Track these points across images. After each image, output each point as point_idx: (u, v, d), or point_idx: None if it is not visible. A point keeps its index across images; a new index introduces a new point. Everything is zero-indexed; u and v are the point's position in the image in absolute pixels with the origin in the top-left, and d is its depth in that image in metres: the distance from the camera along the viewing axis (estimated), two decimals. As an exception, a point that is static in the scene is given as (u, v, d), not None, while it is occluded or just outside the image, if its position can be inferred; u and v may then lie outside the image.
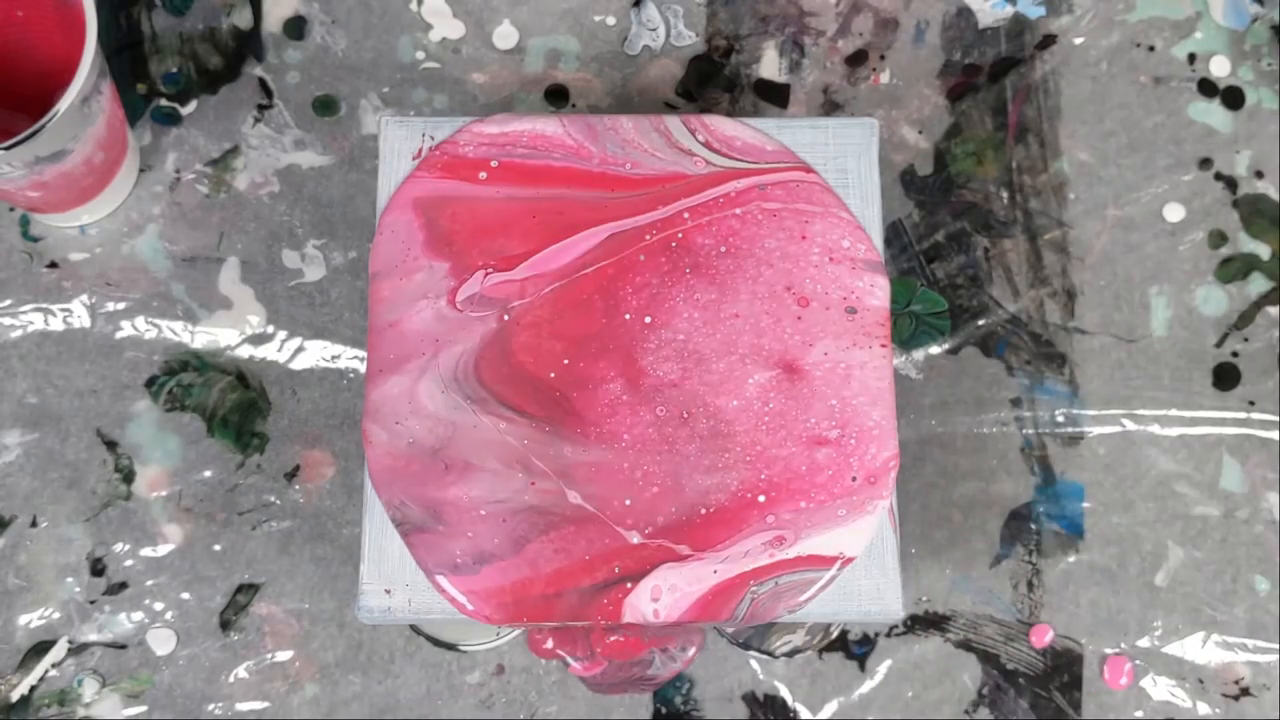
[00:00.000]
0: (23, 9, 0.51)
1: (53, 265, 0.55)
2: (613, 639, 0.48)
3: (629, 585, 0.45)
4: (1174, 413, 0.56)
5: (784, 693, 0.53)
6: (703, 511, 0.45)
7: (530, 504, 0.45)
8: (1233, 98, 0.58)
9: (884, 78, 0.58)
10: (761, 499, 0.46)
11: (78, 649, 0.52)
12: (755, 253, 0.47)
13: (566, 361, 0.46)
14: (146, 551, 0.53)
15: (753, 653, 0.54)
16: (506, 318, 0.47)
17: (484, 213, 0.47)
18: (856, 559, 0.45)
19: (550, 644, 0.49)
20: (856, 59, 0.58)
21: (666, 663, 0.52)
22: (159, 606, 0.53)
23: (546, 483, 0.45)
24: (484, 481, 0.45)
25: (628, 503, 0.45)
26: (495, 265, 0.47)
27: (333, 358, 0.55)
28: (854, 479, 0.46)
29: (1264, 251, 0.57)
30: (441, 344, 0.46)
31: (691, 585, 0.45)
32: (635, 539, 0.45)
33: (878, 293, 0.47)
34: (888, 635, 0.54)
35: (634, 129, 0.48)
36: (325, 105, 0.57)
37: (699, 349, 0.47)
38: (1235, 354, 0.56)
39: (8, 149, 0.46)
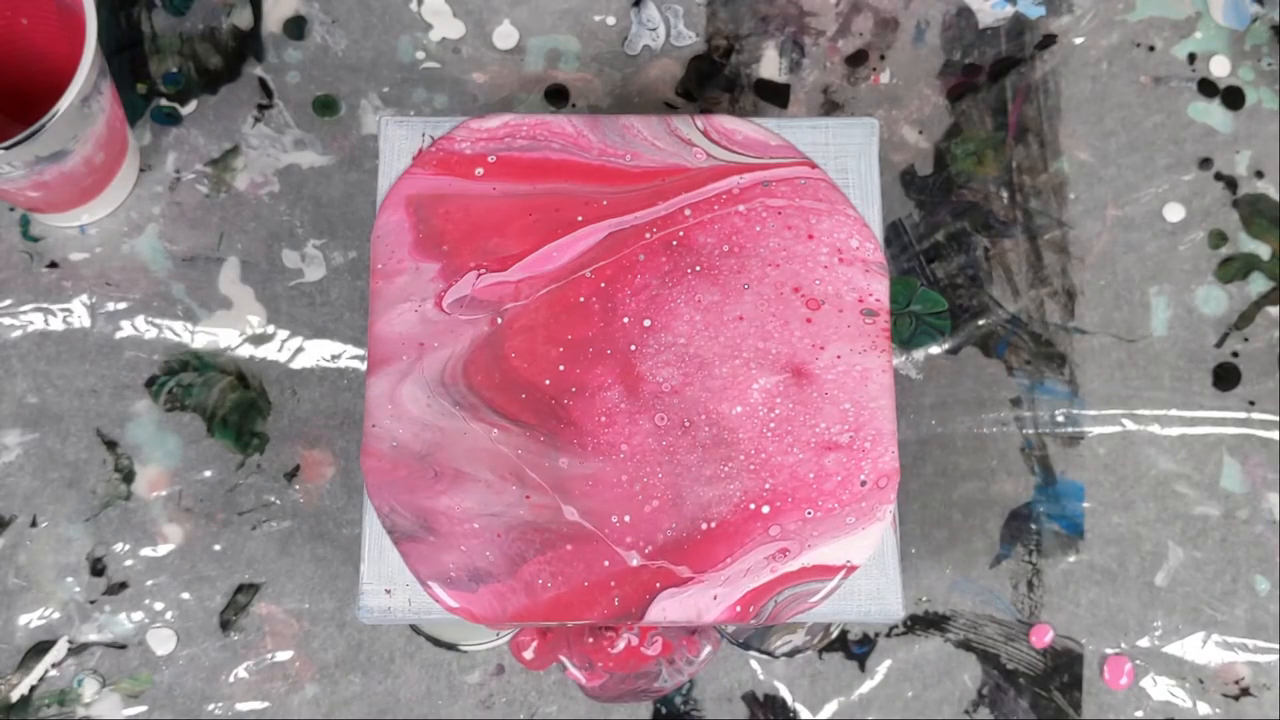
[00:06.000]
0: (27, 16, 0.51)
1: (53, 265, 0.54)
2: (616, 650, 0.46)
3: (628, 623, 0.42)
4: (1174, 413, 0.54)
5: (784, 693, 0.52)
6: (704, 526, 0.43)
7: (526, 519, 0.43)
8: (1233, 98, 0.57)
9: (884, 78, 0.57)
10: (765, 509, 0.43)
11: (78, 649, 0.51)
12: (760, 252, 0.45)
13: (562, 367, 0.44)
14: (146, 551, 0.52)
15: (753, 652, 0.52)
16: (499, 320, 0.44)
17: (479, 210, 0.45)
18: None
19: (530, 654, 0.46)
20: (856, 59, 0.57)
21: (674, 675, 0.50)
22: (159, 606, 0.52)
23: (542, 497, 0.43)
24: (476, 492, 0.43)
25: (627, 519, 0.43)
26: (488, 265, 0.44)
27: (333, 357, 0.54)
28: (863, 483, 0.43)
29: (1264, 251, 0.56)
30: (426, 347, 0.43)
31: (690, 618, 0.42)
32: (635, 560, 0.43)
33: (885, 295, 0.44)
34: (888, 635, 0.52)
35: (635, 119, 0.46)
36: (325, 105, 0.56)
37: (701, 353, 0.44)
38: (1235, 354, 0.55)
39: (8, 149, 0.45)
